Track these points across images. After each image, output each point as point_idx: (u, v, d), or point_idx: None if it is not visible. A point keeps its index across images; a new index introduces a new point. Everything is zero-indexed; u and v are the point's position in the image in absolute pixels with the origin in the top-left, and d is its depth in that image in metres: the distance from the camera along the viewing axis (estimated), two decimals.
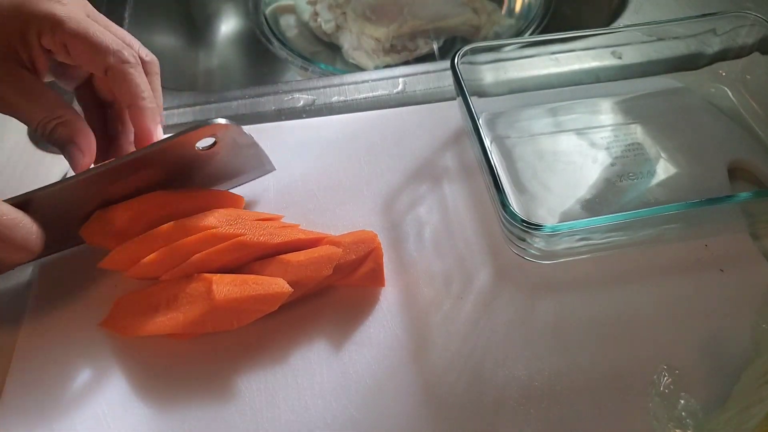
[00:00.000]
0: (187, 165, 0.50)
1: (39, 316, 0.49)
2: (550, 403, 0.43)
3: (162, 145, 0.47)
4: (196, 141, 0.48)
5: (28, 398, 0.45)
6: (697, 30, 0.60)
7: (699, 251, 0.50)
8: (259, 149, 0.53)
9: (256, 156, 0.54)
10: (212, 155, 0.50)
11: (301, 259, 0.46)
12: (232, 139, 0.49)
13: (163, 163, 0.48)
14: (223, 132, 0.48)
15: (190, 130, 0.46)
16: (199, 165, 0.51)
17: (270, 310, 0.45)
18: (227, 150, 0.50)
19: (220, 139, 0.49)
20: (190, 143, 0.48)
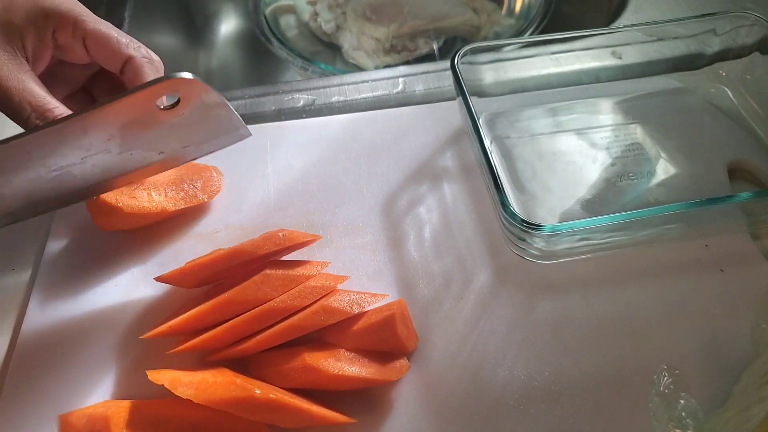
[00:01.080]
0: (148, 127, 0.46)
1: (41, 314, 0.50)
2: (550, 403, 0.43)
3: (116, 100, 0.42)
4: (155, 97, 0.44)
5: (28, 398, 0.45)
6: (697, 30, 0.60)
7: (699, 251, 0.50)
8: (230, 111, 0.49)
9: (227, 119, 0.49)
10: (175, 116, 0.46)
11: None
12: (198, 97, 0.45)
13: (120, 123, 0.45)
14: (187, 89, 0.44)
15: (149, 84, 0.42)
16: (163, 127, 0.47)
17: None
18: (193, 111, 0.46)
19: (185, 98, 0.45)
20: (149, 99, 0.43)
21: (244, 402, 0.39)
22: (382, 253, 0.52)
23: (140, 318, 0.49)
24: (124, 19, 0.78)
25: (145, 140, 0.47)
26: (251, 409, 0.39)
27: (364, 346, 0.44)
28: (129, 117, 0.44)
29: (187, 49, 0.92)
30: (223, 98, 0.47)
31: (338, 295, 0.45)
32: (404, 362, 0.44)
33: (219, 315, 0.44)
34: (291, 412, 0.40)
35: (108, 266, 0.52)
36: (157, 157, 0.50)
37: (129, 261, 0.52)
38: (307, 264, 0.47)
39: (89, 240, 0.54)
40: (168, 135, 0.48)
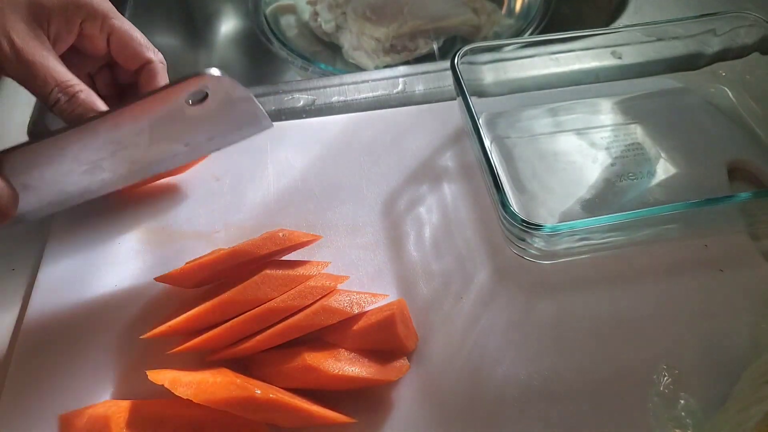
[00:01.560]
0: (176, 120, 0.47)
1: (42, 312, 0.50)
2: (550, 403, 0.43)
3: (148, 97, 0.43)
4: (185, 93, 0.44)
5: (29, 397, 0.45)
6: (697, 30, 0.60)
7: (698, 251, 0.50)
8: (255, 104, 0.49)
9: (251, 112, 0.50)
10: (203, 110, 0.46)
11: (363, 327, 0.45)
12: (225, 92, 0.46)
13: (150, 119, 0.45)
14: (216, 84, 0.44)
15: (180, 80, 0.43)
16: (189, 120, 0.47)
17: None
18: (219, 105, 0.47)
19: (212, 93, 0.45)
20: (179, 95, 0.44)
21: (244, 402, 0.39)
22: (382, 252, 0.52)
23: (140, 318, 0.49)
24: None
25: (172, 133, 0.48)
26: (251, 409, 0.39)
27: (364, 346, 0.44)
28: (159, 112, 0.45)
29: (187, 49, 0.92)
30: (249, 92, 0.47)
31: (338, 295, 0.45)
32: (404, 362, 0.44)
33: (219, 315, 0.44)
34: (291, 411, 0.40)
35: (108, 266, 0.52)
36: (183, 149, 0.51)
37: (129, 261, 0.52)
38: (307, 264, 0.47)
39: (89, 240, 0.54)
40: (195, 127, 0.49)
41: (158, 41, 0.85)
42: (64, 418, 0.43)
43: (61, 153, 0.45)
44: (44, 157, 0.45)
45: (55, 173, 0.46)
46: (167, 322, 0.44)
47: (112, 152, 0.47)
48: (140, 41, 0.50)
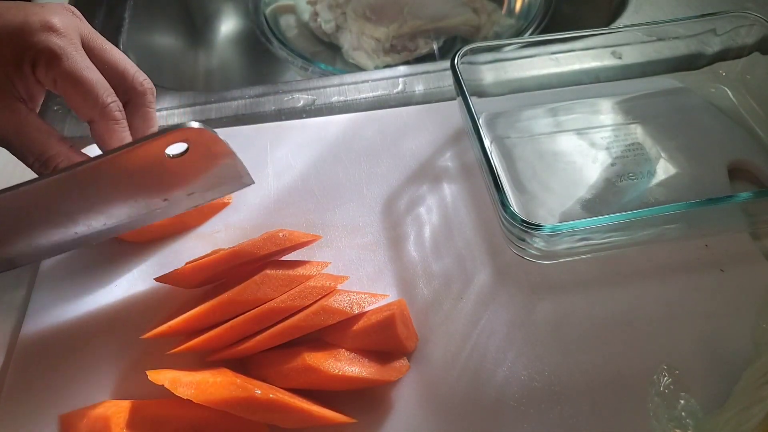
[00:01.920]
0: (155, 174, 0.46)
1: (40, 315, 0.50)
2: (550, 403, 0.43)
3: (127, 149, 0.42)
4: (165, 146, 0.43)
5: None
6: (697, 30, 0.60)
7: (699, 251, 0.50)
8: (236, 159, 0.48)
9: (232, 167, 0.48)
10: (183, 164, 0.45)
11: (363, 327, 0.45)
12: (206, 147, 0.44)
13: (128, 172, 0.44)
14: (196, 137, 0.43)
15: (160, 134, 0.42)
16: (169, 175, 0.46)
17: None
18: (200, 159, 0.45)
19: (193, 146, 0.44)
20: (159, 149, 0.43)
21: (244, 402, 0.39)
22: (382, 253, 0.52)
23: (140, 318, 0.49)
24: (124, 19, 0.78)
25: (151, 187, 0.47)
26: (251, 409, 0.39)
27: (364, 346, 0.44)
28: (138, 165, 0.44)
29: (187, 49, 0.92)
30: (230, 148, 0.46)
31: (338, 296, 0.45)
32: (404, 362, 0.44)
33: (219, 315, 0.44)
34: (291, 412, 0.40)
35: (108, 266, 0.52)
36: (161, 204, 0.49)
37: (129, 261, 0.52)
38: (307, 264, 0.47)
39: None
40: (174, 182, 0.47)
41: (158, 41, 0.85)
42: (64, 419, 0.44)
43: (36, 202, 0.43)
44: (16, 205, 0.43)
45: (27, 225, 0.45)
46: (167, 322, 0.44)
47: (88, 205, 0.46)
48: (85, 93, 0.44)
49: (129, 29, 0.78)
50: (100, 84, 0.44)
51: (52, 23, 0.44)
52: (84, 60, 0.45)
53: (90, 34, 0.47)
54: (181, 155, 0.44)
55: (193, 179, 0.48)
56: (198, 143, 0.44)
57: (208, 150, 0.45)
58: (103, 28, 0.77)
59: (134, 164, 0.43)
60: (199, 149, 0.44)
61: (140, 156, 0.43)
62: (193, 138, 0.43)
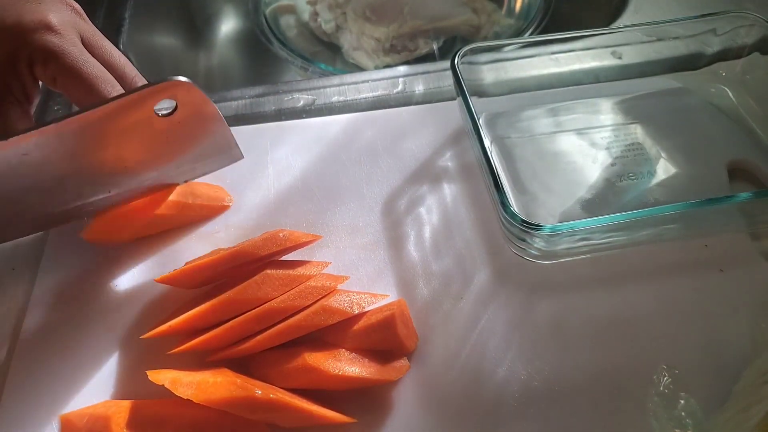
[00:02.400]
0: (146, 136, 0.45)
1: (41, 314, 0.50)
2: (550, 403, 0.43)
3: (115, 100, 0.41)
4: (153, 101, 0.43)
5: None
6: (697, 30, 0.60)
7: (699, 251, 0.50)
8: (225, 126, 0.48)
9: (222, 135, 0.49)
10: (172, 123, 0.45)
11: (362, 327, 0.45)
12: (194, 106, 0.45)
13: (117, 129, 0.44)
14: (185, 94, 0.43)
15: (147, 85, 0.42)
16: (160, 138, 0.46)
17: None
18: (189, 120, 0.46)
19: (182, 104, 0.44)
20: (147, 103, 0.42)
21: (244, 402, 0.39)
22: (382, 253, 0.52)
23: (140, 318, 0.49)
24: (124, 19, 0.78)
25: (141, 153, 0.47)
26: (252, 409, 0.40)
27: (364, 346, 0.44)
28: (126, 122, 0.43)
29: (187, 49, 0.92)
30: (217, 109, 0.46)
31: (338, 296, 0.45)
32: (404, 362, 0.44)
33: (219, 315, 0.44)
34: (291, 412, 0.40)
35: (108, 266, 0.52)
36: (152, 174, 0.49)
37: (129, 261, 0.52)
38: (307, 264, 0.47)
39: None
40: (164, 150, 0.47)
41: (158, 41, 0.85)
42: (64, 418, 0.43)
43: (23, 159, 0.43)
44: (5, 162, 0.42)
45: (19, 183, 0.45)
46: (167, 321, 0.44)
47: (77, 168, 0.45)
48: (87, 87, 0.43)
49: (129, 29, 0.77)
50: (102, 77, 0.44)
51: (48, 21, 0.43)
52: (83, 54, 0.44)
53: (90, 32, 0.47)
54: (170, 114, 0.44)
55: (183, 145, 0.48)
56: (186, 102, 0.44)
57: (197, 110, 0.45)
58: (103, 28, 0.77)
59: (123, 120, 0.43)
60: (187, 108, 0.44)
61: (129, 111, 0.42)
62: (181, 95, 0.43)
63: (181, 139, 0.47)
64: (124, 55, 0.72)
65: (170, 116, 0.45)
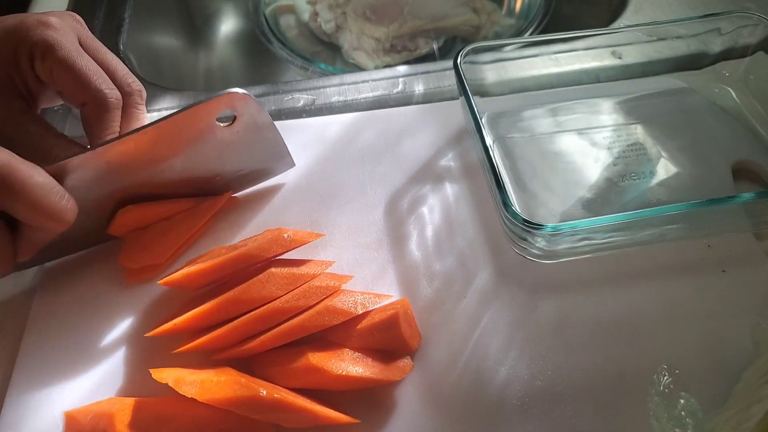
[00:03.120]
0: (207, 145, 0.49)
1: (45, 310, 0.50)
2: (552, 402, 0.43)
3: (180, 112, 0.46)
4: (214, 110, 0.47)
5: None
6: (700, 30, 0.60)
7: (701, 251, 0.50)
8: (278, 134, 0.52)
9: (275, 143, 0.53)
10: (232, 132, 0.49)
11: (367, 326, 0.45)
12: (251, 116, 0.49)
13: (184, 140, 0.48)
14: (242, 104, 0.47)
15: (207, 98, 0.46)
16: (221, 146, 0.50)
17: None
18: (246, 129, 0.50)
19: (240, 114, 0.48)
20: (209, 113, 0.47)
21: (248, 401, 0.39)
22: (385, 252, 0.52)
23: (144, 316, 0.49)
24: (124, 19, 0.78)
25: (204, 158, 0.50)
26: (255, 409, 0.40)
27: (367, 345, 0.44)
28: (192, 130, 0.47)
29: (187, 49, 0.92)
30: (271, 119, 0.50)
31: (342, 296, 0.45)
32: (408, 362, 0.45)
33: (224, 313, 0.44)
34: (295, 411, 0.40)
35: (112, 264, 0.52)
36: (214, 183, 0.53)
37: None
38: (311, 263, 0.47)
39: None
40: (225, 154, 0.51)
41: (158, 41, 0.85)
42: (69, 415, 0.44)
43: (108, 167, 0.46)
44: (91, 170, 0.45)
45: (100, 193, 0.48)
46: (172, 320, 0.44)
47: (151, 175, 0.49)
48: (78, 78, 0.46)
49: (129, 29, 0.77)
50: (93, 70, 0.46)
51: (47, 20, 0.46)
52: (77, 48, 0.46)
53: (88, 36, 0.50)
54: (230, 124, 0.48)
55: (241, 153, 0.51)
56: (244, 112, 0.48)
57: (254, 120, 0.49)
58: (103, 28, 0.77)
59: (189, 131, 0.47)
60: (245, 118, 0.48)
61: (194, 122, 0.47)
62: (239, 105, 0.47)
63: (240, 147, 0.51)
64: (124, 54, 0.73)
65: (230, 126, 0.49)
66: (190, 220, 0.52)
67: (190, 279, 0.46)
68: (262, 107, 0.49)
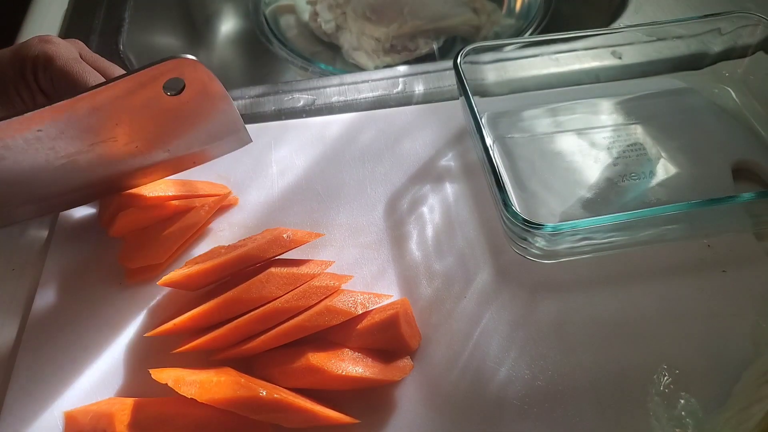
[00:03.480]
0: (156, 114, 0.47)
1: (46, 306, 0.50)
2: (552, 402, 0.43)
3: (124, 77, 0.43)
4: (161, 78, 0.44)
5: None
6: (700, 30, 0.60)
7: (702, 251, 0.50)
8: (233, 107, 0.49)
9: (230, 116, 0.50)
10: (182, 103, 0.46)
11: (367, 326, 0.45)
12: (202, 84, 0.46)
13: (129, 108, 0.45)
14: (191, 72, 0.44)
15: (154, 63, 0.43)
16: (169, 117, 0.47)
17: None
18: (198, 100, 0.47)
19: (189, 83, 0.45)
20: (155, 80, 0.44)
21: (248, 402, 0.39)
22: (385, 252, 0.52)
23: (145, 316, 0.49)
24: (124, 19, 0.78)
25: (151, 132, 0.48)
26: (255, 409, 0.40)
27: (367, 345, 0.44)
28: (136, 99, 0.45)
29: (187, 49, 0.92)
30: (224, 88, 0.47)
31: (342, 296, 0.45)
32: (408, 362, 0.45)
33: (224, 313, 0.44)
34: (295, 412, 0.40)
35: (113, 263, 0.52)
36: (163, 155, 0.50)
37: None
38: (311, 262, 0.47)
39: (93, 238, 0.54)
40: (173, 130, 0.48)
41: (158, 41, 0.85)
42: (69, 415, 0.44)
43: (38, 136, 0.44)
44: (20, 137, 0.44)
45: (30, 163, 0.46)
46: (172, 320, 0.44)
47: (90, 144, 0.47)
48: (74, 83, 0.47)
49: (129, 29, 0.77)
50: (89, 73, 0.47)
51: (48, 37, 0.49)
52: (76, 58, 0.48)
53: (87, 51, 0.51)
54: (179, 93, 0.45)
55: (192, 124, 0.49)
56: (194, 79, 0.45)
57: (204, 88, 0.46)
58: (103, 28, 0.77)
59: (132, 99, 0.45)
60: (195, 86, 0.45)
61: (138, 90, 0.44)
62: (188, 73, 0.44)
63: (190, 118, 0.48)
64: (124, 54, 0.73)
65: (178, 95, 0.46)
66: (189, 221, 0.52)
67: (190, 279, 0.46)
68: (213, 75, 0.45)
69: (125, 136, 0.47)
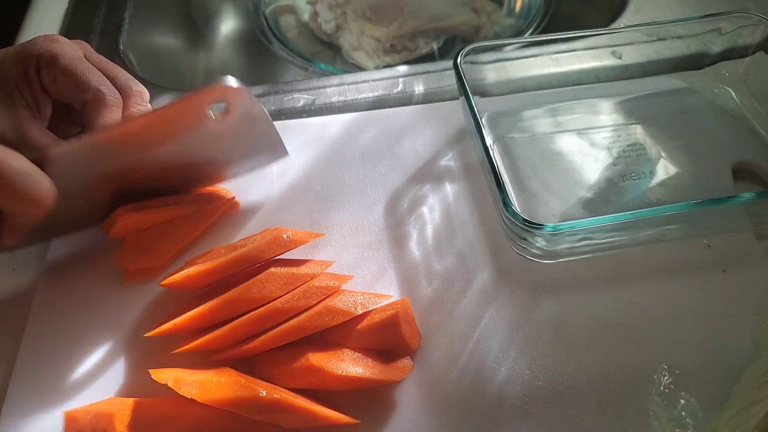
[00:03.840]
0: (198, 136, 0.48)
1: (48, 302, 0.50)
2: (553, 402, 0.43)
3: (171, 105, 0.45)
4: (206, 102, 0.46)
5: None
6: (700, 30, 0.60)
7: (702, 251, 0.50)
8: (272, 125, 0.52)
9: (269, 134, 0.52)
10: (224, 124, 0.48)
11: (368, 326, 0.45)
12: (244, 107, 0.47)
13: (174, 131, 0.47)
14: (235, 97, 0.46)
15: (200, 90, 0.45)
16: (212, 137, 0.49)
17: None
18: (240, 121, 0.48)
19: (233, 106, 0.47)
20: (200, 105, 0.46)
21: (248, 402, 0.39)
22: (385, 252, 0.52)
23: (144, 316, 0.49)
24: (124, 19, 0.78)
25: (195, 149, 0.50)
26: (255, 409, 0.39)
27: (368, 345, 0.44)
28: (182, 123, 0.47)
29: (187, 49, 0.92)
30: (264, 109, 0.49)
31: (342, 296, 0.45)
32: (408, 362, 0.44)
33: (224, 313, 0.44)
34: (295, 412, 0.40)
35: (112, 264, 0.52)
36: (203, 171, 0.53)
37: None
38: (311, 262, 0.47)
39: (93, 239, 0.54)
40: (216, 150, 0.51)
41: (158, 41, 0.85)
42: (68, 415, 0.44)
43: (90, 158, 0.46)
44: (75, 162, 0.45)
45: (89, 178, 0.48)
46: (172, 320, 0.44)
47: (138, 162, 0.49)
48: (77, 80, 0.48)
49: (129, 29, 0.77)
50: (92, 71, 0.49)
51: (53, 36, 0.50)
52: (80, 57, 0.49)
53: (91, 52, 0.52)
54: (222, 115, 0.47)
55: (234, 143, 0.51)
56: (237, 103, 0.46)
57: (247, 112, 0.48)
58: (103, 28, 0.77)
59: (179, 123, 0.47)
60: (238, 109, 0.47)
61: (184, 114, 0.46)
62: (232, 97, 0.46)
63: (232, 138, 0.50)
64: (124, 54, 0.73)
65: (222, 117, 0.47)
66: (190, 225, 0.52)
67: (190, 280, 0.46)
68: (254, 98, 0.47)
69: (172, 154, 0.49)
